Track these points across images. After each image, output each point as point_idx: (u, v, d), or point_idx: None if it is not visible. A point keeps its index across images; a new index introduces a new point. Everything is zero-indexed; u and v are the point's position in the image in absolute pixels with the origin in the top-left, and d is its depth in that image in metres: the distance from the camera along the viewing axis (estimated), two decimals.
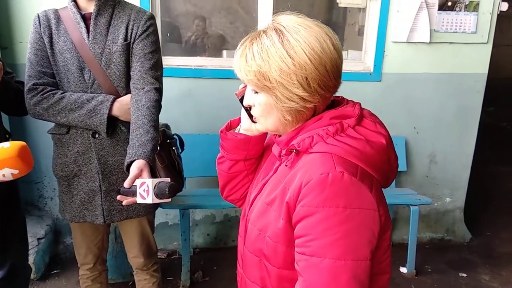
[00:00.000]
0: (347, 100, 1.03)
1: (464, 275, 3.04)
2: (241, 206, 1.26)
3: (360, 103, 1.01)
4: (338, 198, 0.86)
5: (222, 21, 4.01)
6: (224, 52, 3.39)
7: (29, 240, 2.83)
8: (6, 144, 1.17)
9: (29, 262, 2.71)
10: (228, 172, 1.19)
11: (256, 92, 0.97)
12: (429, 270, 3.10)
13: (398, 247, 3.30)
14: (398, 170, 3.18)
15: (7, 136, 1.81)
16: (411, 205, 2.92)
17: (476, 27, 3.08)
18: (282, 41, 0.91)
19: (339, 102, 1.02)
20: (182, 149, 2.08)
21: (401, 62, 3.13)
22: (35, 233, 2.94)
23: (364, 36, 3.15)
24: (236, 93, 1.08)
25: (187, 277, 2.80)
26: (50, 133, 1.74)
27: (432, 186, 3.42)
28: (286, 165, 0.98)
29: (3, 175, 1.16)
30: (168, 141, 1.85)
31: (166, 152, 1.82)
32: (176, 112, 3.00)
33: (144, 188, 1.33)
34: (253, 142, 1.12)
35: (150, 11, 2.81)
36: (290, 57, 0.90)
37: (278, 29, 0.93)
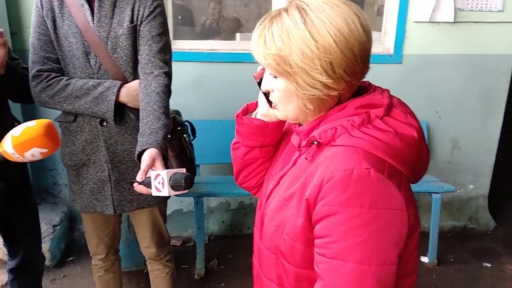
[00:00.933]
0: (374, 86, 0.93)
1: (488, 265, 2.94)
2: (256, 194, 1.19)
3: (388, 90, 0.92)
4: (363, 197, 0.78)
5: (237, 3, 3.90)
6: (238, 35, 3.29)
7: (45, 227, 2.86)
8: (31, 123, 1.12)
9: (44, 250, 2.74)
10: (243, 158, 1.12)
11: (275, 77, 0.89)
12: (451, 259, 3.01)
13: (420, 236, 3.20)
14: None
15: (16, 124, 1.76)
16: (433, 192, 2.81)
17: (503, 5, 2.91)
18: (305, 21, 0.81)
19: (365, 88, 0.92)
20: (194, 136, 2.00)
21: (423, 43, 2.99)
22: (50, 220, 2.94)
23: (384, 16, 3.02)
24: (254, 75, 1.00)
25: (202, 265, 2.76)
26: (57, 121, 1.68)
27: (455, 172, 3.30)
28: (306, 158, 0.90)
29: (32, 155, 1.12)
30: (178, 128, 1.78)
31: (177, 140, 1.76)
32: (189, 97, 2.93)
33: (159, 180, 1.26)
34: (270, 129, 1.04)
35: None
36: (314, 39, 0.80)
37: (301, 7, 0.83)
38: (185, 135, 1.81)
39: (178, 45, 2.95)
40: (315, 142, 0.87)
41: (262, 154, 1.10)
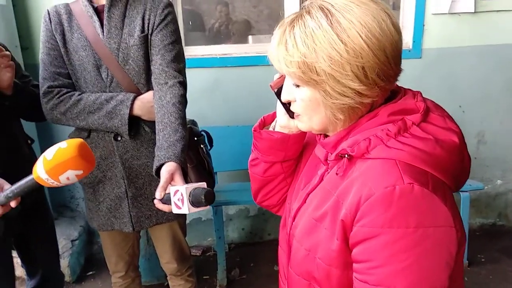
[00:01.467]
0: (404, 89, 0.84)
1: None
2: (278, 212, 1.10)
3: (421, 93, 0.83)
4: (408, 216, 0.69)
5: (246, 5, 3.83)
6: (250, 37, 3.22)
7: (63, 242, 2.83)
8: (63, 144, 1.04)
9: (64, 266, 2.71)
10: (264, 176, 1.03)
11: (298, 86, 0.80)
12: (483, 259, 2.88)
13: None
14: None
15: (29, 142, 1.72)
16: (461, 191, 2.69)
17: None
18: (331, 22, 0.73)
19: (394, 92, 0.84)
20: (211, 146, 1.93)
21: (442, 35, 2.88)
22: (69, 235, 2.90)
23: (401, 10, 2.91)
24: (271, 85, 0.91)
25: (224, 275, 2.69)
26: (70, 138, 1.63)
27: (482, 168, 3.18)
28: (337, 174, 0.81)
29: (67, 178, 1.04)
30: (195, 138, 1.71)
31: (194, 151, 1.68)
32: (203, 104, 2.88)
33: (178, 196, 1.18)
34: (292, 141, 0.96)
35: None
36: (343, 43, 0.73)
37: (325, 7, 0.75)
38: (202, 146, 1.74)
39: (191, 52, 2.89)
40: (346, 156, 0.79)
41: (283, 170, 1.02)
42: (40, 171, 1.02)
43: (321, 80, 0.75)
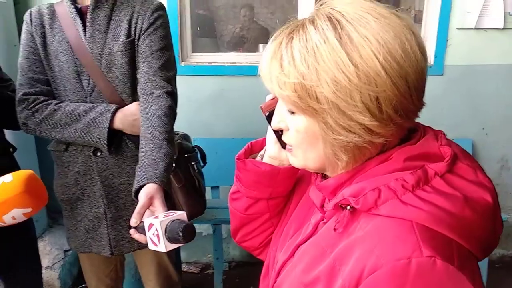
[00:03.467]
0: (423, 126, 0.67)
1: None
2: (259, 256, 0.93)
3: (443, 132, 0.66)
4: None
5: (263, 11, 3.71)
6: (260, 46, 3.08)
7: (55, 253, 2.72)
8: (8, 178, 0.92)
9: (54, 277, 2.60)
10: (245, 213, 0.86)
11: (293, 112, 0.64)
12: None
13: None
14: None
15: (11, 150, 1.60)
16: None
17: None
18: (340, 37, 0.58)
19: (411, 129, 0.66)
20: (204, 163, 1.77)
21: (467, 52, 2.68)
22: (62, 244, 2.78)
23: (423, 23, 2.73)
24: (261, 107, 0.76)
25: None
26: (49, 149, 1.49)
27: (504, 195, 2.95)
28: (335, 229, 0.64)
29: (13, 218, 0.93)
30: (186, 155, 1.55)
31: (183, 169, 1.53)
32: (208, 114, 2.75)
33: (153, 231, 1.02)
34: (282, 176, 0.79)
35: (178, 0, 2.56)
36: (353, 64, 0.56)
37: (334, 17, 0.59)
38: (193, 163, 1.58)
39: (197, 59, 2.76)
40: (348, 207, 0.62)
41: (269, 208, 0.85)
42: None
43: (322, 109, 0.59)
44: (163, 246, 1.01)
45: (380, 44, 0.56)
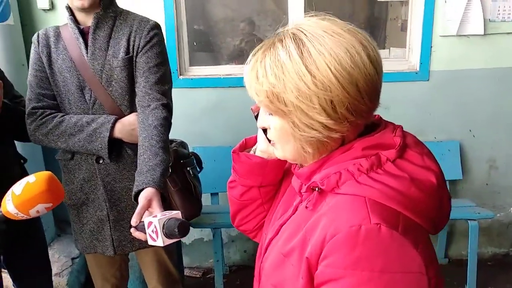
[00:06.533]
0: (386, 122, 0.81)
1: None
2: (255, 238, 1.07)
3: (401, 127, 0.79)
4: (373, 259, 0.66)
5: (262, 23, 3.83)
6: None
7: (63, 260, 2.82)
8: (31, 178, 1.07)
9: (62, 284, 2.70)
10: (240, 199, 1.01)
11: (271, 114, 0.79)
12: None
13: (456, 264, 2.96)
14: (453, 178, 2.76)
15: (22, 161, 1.73)
16: (470, 219, 2.58)
17: None
18: (301, 53, 0.71)
19: (375, 125, 0.80)
20: (200, 169, 1.90)
21: (451, 58, 2.79)
22: (69, 252, 2.89)
23: (408, 31, 2.85)
24: (252, 108, 0.91)
25: None
26: (57, 159, 1.63)
27: (493, 195, 3.04)
28: (306, 207, 0.78)
29: (37, 211, 1.08)
30: (182, 161, 1.68)
31: (179, 174, 1.66)
32: (206, 124, 2.87)
33: (152, 228, 1.16)
34: (270, 167, 0.94)
35: (175, 17, 2.70)
36: (311, 74, 0.70)
37: (298, 37, 0.73)
38: (189, 168, 1.71)
39: (195, 72, 2.89)
40: (317, 189, 0.75)
41: (261, 195, 0.99)
42: (10, 206, 1.04)
43: (289, 111, 0.73)
44: (161, 241, 1.14)
45: (332, 57, 0.70)
